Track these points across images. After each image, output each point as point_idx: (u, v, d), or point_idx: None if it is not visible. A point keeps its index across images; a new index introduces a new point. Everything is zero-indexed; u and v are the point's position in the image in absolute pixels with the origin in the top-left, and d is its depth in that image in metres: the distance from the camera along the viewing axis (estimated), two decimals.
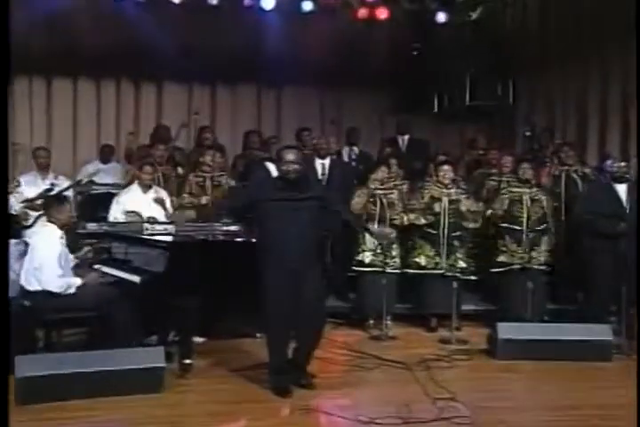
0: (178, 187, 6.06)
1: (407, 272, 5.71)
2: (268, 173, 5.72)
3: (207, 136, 6.79)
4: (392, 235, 5.35)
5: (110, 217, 5.52)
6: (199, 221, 5.55)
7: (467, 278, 5.68)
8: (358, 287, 5.77)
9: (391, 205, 5.65)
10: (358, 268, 5.66)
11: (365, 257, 5.62)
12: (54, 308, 4.33)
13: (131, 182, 5.85)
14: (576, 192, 6.05)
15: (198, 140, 6.95)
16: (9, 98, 5.90)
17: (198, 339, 4.89)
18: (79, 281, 4.45)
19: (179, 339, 4.47)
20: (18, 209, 5.66)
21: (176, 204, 5.81)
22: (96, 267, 4.82)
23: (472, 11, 7.40)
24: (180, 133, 6.80)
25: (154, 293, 4.30)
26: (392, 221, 5.61)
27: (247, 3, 7.26)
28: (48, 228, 4.56)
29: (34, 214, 5.57)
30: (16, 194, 5.70)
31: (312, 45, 7.18)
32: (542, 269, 5.65)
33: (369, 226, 5.21)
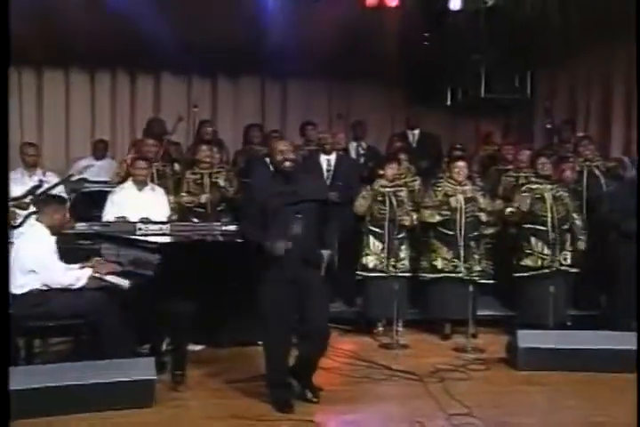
0: (174, 184, 5.86)
1: (420, 276, 5.51)
2: (269, 170, 5.46)
3: (207, 130, 6.59)
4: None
5: (104, 217, 5.30)
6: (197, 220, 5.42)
7: (485, 282, 5.48)
8: (364, 292, 5.60)
9: (400, 204, 5.47)
10: (362, 272, 5.49)
11: (369, 261, 5.44)
12: (37, 315, 4.09)
13: (124, 180, 5.64)
14: (599, 189, 5.86)
15: (198, 134, 6.74)
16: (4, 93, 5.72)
17: (195, 347, 4.77)
18: (88, 271, 4.27)
19: (172, 348, 4.27)
20: None
21: (173, 203, 5.62)
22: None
23: None
24: (177, 128, 6.56)
25: (146, 297, 4.10)
26: (401, 221, 5.42)
27: None
28: (35, 227, 4.34)
29: (22, 213, 5.29)
30: None
31: (318, 35, 6.93)
32: (568, 271, 5.40)
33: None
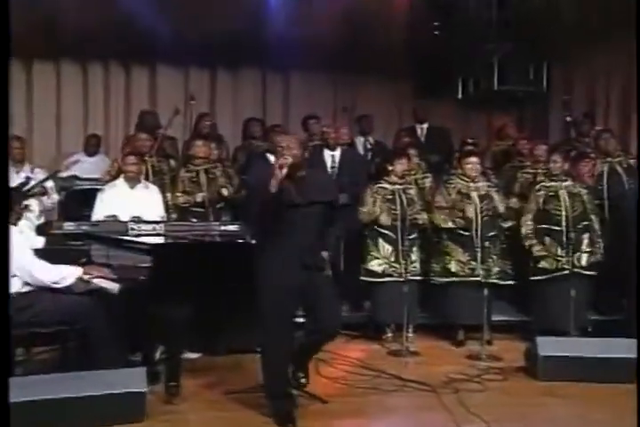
0: (171, 182, 5.59)
1: (432, 280, 5.25)
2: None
3: (205, 124, 6.35)
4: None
5: (93, 217, 5.05)
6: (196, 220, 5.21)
7: (504, 284, 5.21)
8: (372, 295, 5.35)
9: (410, 203, 5.23)
10: (369, 278, 5.22)
11: (377, 265, 5.18)
12: (20, 320, 3.75)
13: (115, 178, 5.37)
14: (620, 188, 5.62)
15: (196, 128, 6.48)
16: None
17: (192, 355, 4.59)
18: (77, 271, 3.95)
19: (166, 356, 4.02)
20: None
21: (171, 203, 5.39)
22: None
23: None
24: (174, 121, 6.29)
25: (138, 302, 3.85)
26: (412, 220, 5.18)
27: None
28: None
29: None
30: None
31: (322, 24, 6.69)
32: (587, 273, 5.15)
33: None
